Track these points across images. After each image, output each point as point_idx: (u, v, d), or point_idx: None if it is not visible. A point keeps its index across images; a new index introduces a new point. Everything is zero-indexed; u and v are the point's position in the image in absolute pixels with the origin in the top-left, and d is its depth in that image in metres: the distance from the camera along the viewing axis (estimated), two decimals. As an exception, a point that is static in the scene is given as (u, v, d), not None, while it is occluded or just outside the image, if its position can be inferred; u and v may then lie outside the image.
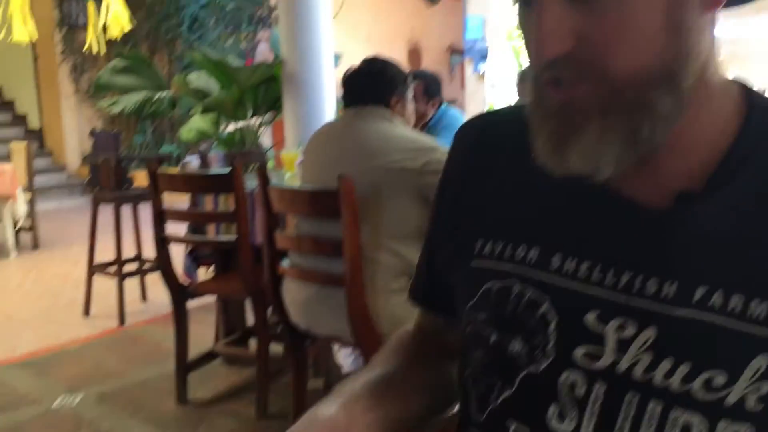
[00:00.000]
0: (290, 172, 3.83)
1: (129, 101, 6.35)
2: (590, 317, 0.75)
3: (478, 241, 0.88)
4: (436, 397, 1.05)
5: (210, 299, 4.20)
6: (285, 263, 2.85)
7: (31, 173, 7.69)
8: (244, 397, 3.63)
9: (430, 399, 1.03)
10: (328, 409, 0.91)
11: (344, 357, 3.44)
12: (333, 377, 3.54)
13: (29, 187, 7.58)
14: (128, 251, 5.20)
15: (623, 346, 0.72)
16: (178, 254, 3.76)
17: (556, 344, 0.78)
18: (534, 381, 0.80)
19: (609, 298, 0.73)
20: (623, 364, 0.72)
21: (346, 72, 2.73)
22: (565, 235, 0.78)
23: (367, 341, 2.53)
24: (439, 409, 1.05)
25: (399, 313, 2.52)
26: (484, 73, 11.66)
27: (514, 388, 0.83)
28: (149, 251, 4.57)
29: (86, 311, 5.17)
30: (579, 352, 0.76)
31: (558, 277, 0.78)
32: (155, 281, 5.03)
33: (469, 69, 11.68)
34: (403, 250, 2.58)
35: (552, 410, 0.79)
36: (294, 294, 2.79)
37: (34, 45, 10.83)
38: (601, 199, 0.77)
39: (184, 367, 3.59)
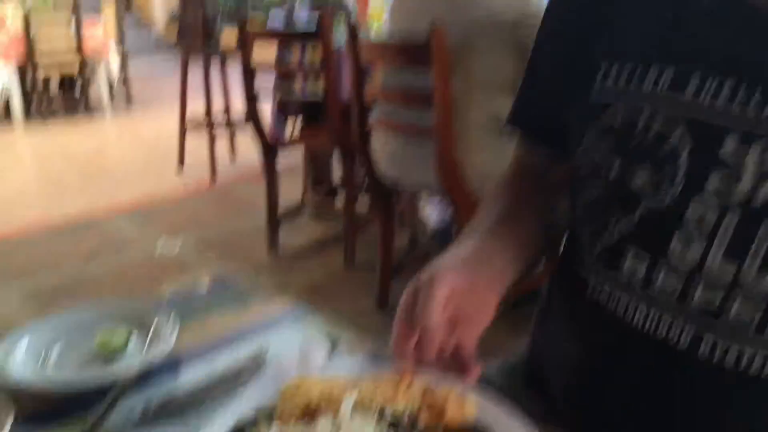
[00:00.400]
0: (377, 22, 3.76)
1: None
2: (729, 143, 0.70)
3: (601, 63, 0.82)
4: (546, 237, 1.03)
5: (297, 158, 4.29)
6: (373, 116, 2.85)
7: (122, 29, 7.83)
8: (331, 248, 3.77)
9: (541, 239, 1.01)
10: (468, 240, 0.92)
11: (429, 213, 3.49)
12: (418, 231, 3.62)
13: (120, 43, 7.75)
14: (217, 110, 5.31)
15: (764, 175, 0.68)
16: (266, 111, 3.81)
17: (687, 174, 0.74)
18: (658, 213, 0.77)
19: (752, 122, 0.68)
20: (761, 194, 0.68)
21: None
22: (706, 52, 0.72)
23: (455, 193, 2.55)
24: (545, 250, 1.04)
25: (489, 169, 2.50)
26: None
27: (633, 223, 0.81)
28: (238, 110, 4.66)
29: (180, 167, 5.38)
30: (712, 182, 0.72)
31: (694, 99, 0.72)
32: (244, 140, 5.16)
33: None
34: (496, 104, 2.53)
35: (675, 243, 0.77)
36: (382, 146, 2.80)
37: None
38: (750, 11, 0.70)
39: (275, 218, 3.74)
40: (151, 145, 6.29)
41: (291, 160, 4.23)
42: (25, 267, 3.72)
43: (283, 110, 4.02)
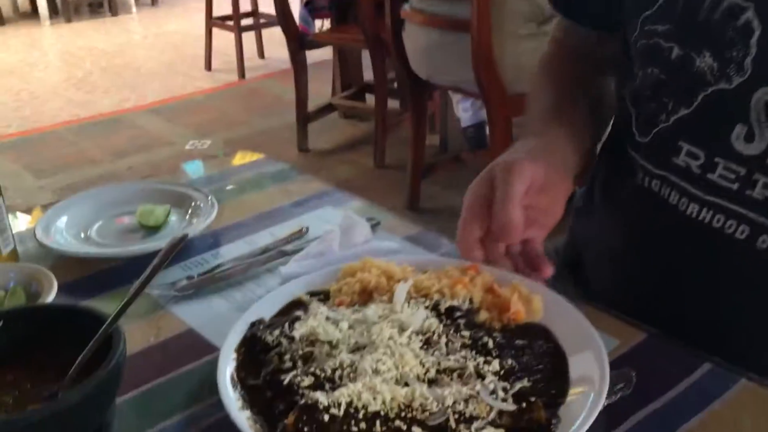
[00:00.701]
0: None
1: None
2: None
3: None
4: (596, 123, 0.96)
5: (327, 56, 4.19)
6: (406, 8, 2.75)
7: None
8: (361, 148, 3.73)
9: (593, 126, 0.95)
10: (532, 132, 0.87)
11: (463, 110, 3.42)
12: (449, 133, 3.56)
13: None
14: (244, 6, 5.18)
15: None
16: (294, 7, 3.70)
17: (757, 58, 0.69)
18: (720, 99, 0.72)
19: None
20: None
21: None
22: None
23: (490, 89, 2.48)
24: (597, 137, 0.98)
25: (525, 61, 2.42)
26: None
27: (692, 108, 0.76)
28: (266, 6, 4.53)
29: (208, 65, 5.31)
30: None
31: None
32: (272, 38, 5.05)
33: None
34: (534, -7, 2.43)
35: (738, 130, 0.73)
36: (415, 41, 2.72)
37: None
38: None
39: (304, 117, 3.70)
40: (177, 43, 6.20)
41: (321, 56, 4.14)
42: (56, 163, 3.75)
43: (311, 7, 3.90)
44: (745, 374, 0.70)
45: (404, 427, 0.61)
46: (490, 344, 0.71)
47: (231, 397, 0.66)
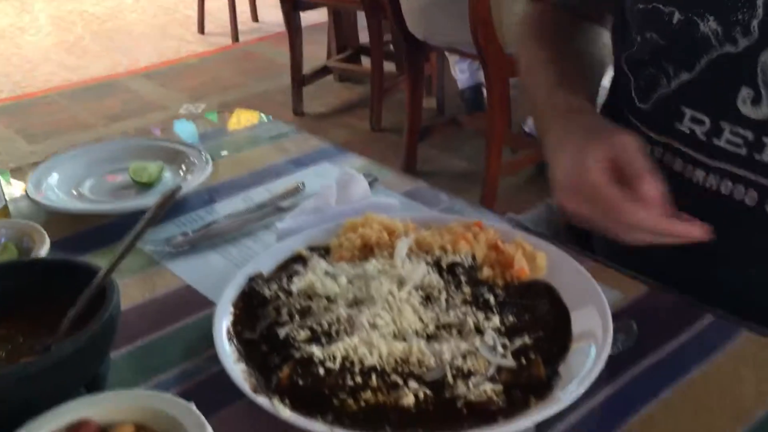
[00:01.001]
0: None
1: None
2: None
3: None
4: (595, 78, 0.93)
5: (322, 18, 4.13)
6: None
7: None
8: (357, 111, 3.69)
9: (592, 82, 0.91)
10: (568, 100, 0.81)
11: (459, 72, 3.38)
12: (446, 96, 3.52)
13: None
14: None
15: None
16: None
17: (764, 20, 0.67)
18: (725, 63, 0.70)
19: None
20: None
21: None
22: None
23: (488, 49, 2.44)
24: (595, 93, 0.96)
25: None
26: None
27: (694, 72, 0.74)
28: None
29: (201, 29, 5.23)
30: None
31: None
32: (266, 0, 4.98)
33: None
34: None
35: (744, 94, 0.70)
36: (412, 0, 2.68)
37: None
38: None
39: (299, 80, 3.65)
40: (169, 6, 6.10)
41: (316, 17, 4.08)
42: (49, 128, 3.70)
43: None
44: (746, 325, 0.70)
45: (400, 382, 0.61)
46: (492, 301, 0.70)
47: (226, 351, 0.65)
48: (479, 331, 0.66)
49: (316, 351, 0.62)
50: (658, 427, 0.59)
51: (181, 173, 1.00)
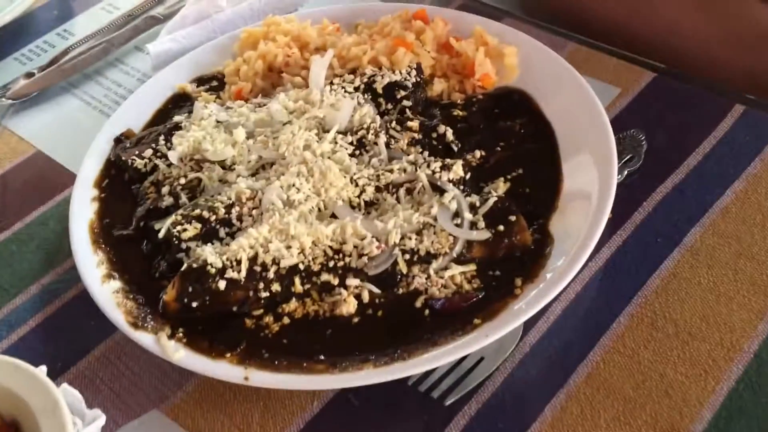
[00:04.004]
0: None
1: None
2: None
3: None
4: None
5: None
6: None
7: None
8: None
9: None
10: None
11: None
12: None
13: None
14: None
15: None
16: None
17: None
18: None
19: None
20: None
21: None
22: None
23: None
24: None
25: None
26: None
27: None
28: None
29: None
30: None
31: None
32: None
33: None
34: None
35: None
36: None
37: None
38: None
39: None
40: None
41: None
42: None
43: None
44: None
45: (335, 281, 0.43)
46: (449, 135, 0.51)
47: (89, 267, 0.46)
48: (436, 188, 0.47)
49: (211, 255, 0.43)
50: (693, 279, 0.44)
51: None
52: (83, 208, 0.50)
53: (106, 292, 0.45)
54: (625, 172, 0.51)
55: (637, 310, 0.44)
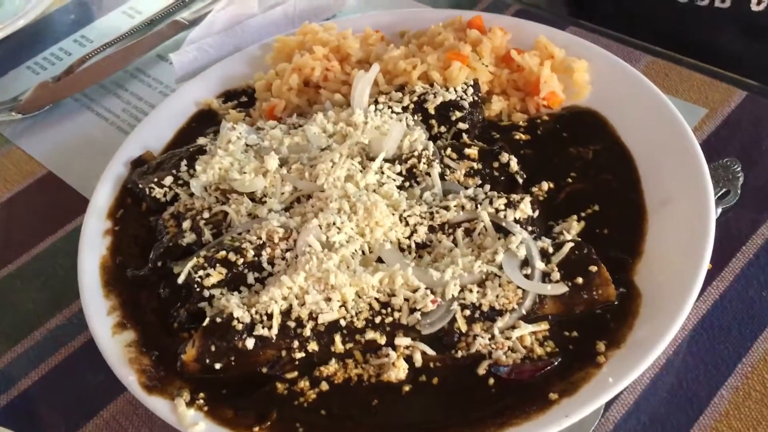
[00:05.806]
0: None
1: None
2: None
3: None
4: None
5: None
6: None
7: None
8: None
9: None
10: None
11: None
12: None
13: None
14: None
15: None
16: None
17: None
18: None
19: None
20: None
21: None
22: None
23: None
24: None
25: None
26: None
27: None
28: None
29: None
30: None
31: None
32: None
33: None
34: None
35: None
36: None
37: None
38: None
39: None
40: None
41: None
42: None
43: None
44: None
45: (382, 341, 0.37)
46: (513, 165, 0.44)
47: (99, 315, 0.40)
48: (500, 229, 0.40)
49: (237, 308, 0.37)
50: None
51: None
52: (95, 242, 0.44)
53: (118, 347, 0.39)
54: (720, 209, 0.43)
55: (742, 381, 0.37)
